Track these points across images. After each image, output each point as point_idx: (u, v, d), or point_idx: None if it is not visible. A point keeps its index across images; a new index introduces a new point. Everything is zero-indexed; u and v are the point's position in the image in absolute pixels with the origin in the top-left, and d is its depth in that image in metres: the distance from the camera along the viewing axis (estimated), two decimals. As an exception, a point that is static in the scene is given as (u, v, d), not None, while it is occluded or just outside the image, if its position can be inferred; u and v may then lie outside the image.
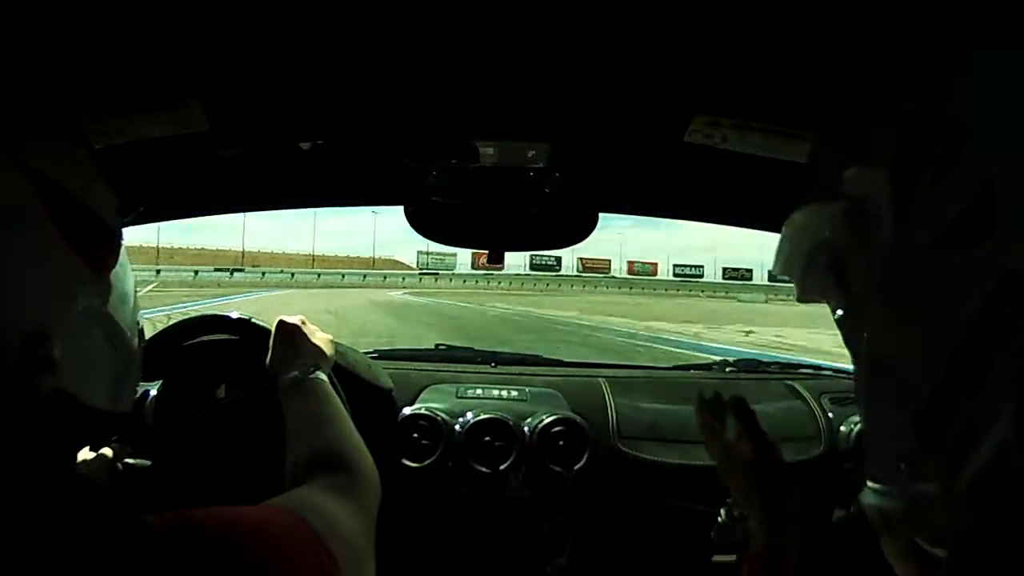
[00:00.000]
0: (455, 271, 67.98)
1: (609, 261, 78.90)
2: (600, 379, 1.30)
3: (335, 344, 1.14)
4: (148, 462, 0.86)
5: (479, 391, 1.23)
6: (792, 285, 0.42)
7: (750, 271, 77.20)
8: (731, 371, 1.48)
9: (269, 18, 0.56)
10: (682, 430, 1.20)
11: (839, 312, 0.38)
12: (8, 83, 0.39)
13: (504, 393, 1.22)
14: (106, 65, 0.59)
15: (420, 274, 62.57)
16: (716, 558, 1.10)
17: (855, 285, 0.35)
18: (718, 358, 1.58)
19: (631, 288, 62.06)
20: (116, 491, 0.84)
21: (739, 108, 0.70)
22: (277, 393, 0.74)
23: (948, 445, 0.28)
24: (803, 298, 0.42)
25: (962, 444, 0.28)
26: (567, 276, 72.13)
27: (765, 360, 1.56)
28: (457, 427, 1.13)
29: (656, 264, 79.41)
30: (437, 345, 1.57)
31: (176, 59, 0.61)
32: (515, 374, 1.33)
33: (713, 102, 0.70)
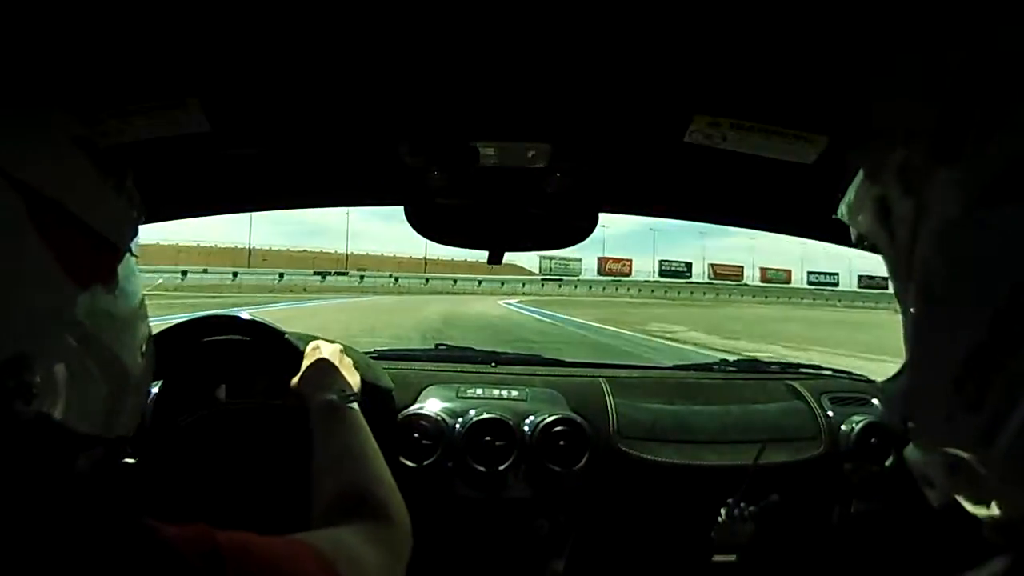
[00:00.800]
0: (580, 277, 65.17)
1: (741, 268, 75.47)
2: (600, 379, 1.30)
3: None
4: (143, 459, 0.86)
5: (479, 391, 1.23)
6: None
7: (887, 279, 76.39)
8: (731, 371, 1.48)
9: (269, 18, 0.56)
10: (683, 430, 1.20)
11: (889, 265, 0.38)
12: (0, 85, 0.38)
13: (504, 393, 1.22)
14: (106, 65, 0.59)
15: (543, 279, 60.05)
16: (716, 558, 1.10)
17: (905, 237, 0.35)
18: (719, 358, 1.58)
19: (766, 296, 59.52)
20: (115, 491, 0.84)
21: (739, 108, 0.70)
22: (294, 410, 0.73)
23: (991, 404, 0.29)
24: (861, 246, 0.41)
25: (1004, 403, 0.28)
26: (698, 283, 69.02)
27: (765, 360, 1.56)
28: (457, 427, 1.13)
29: (790, 271, 75.70)
30: (437, 345, 1.57)
31: (176, 59, 0.61)
32: (515, 374, 1.33)
33: (713, 102, 0.70)
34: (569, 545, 1.16)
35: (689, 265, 73.88)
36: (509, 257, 1.06)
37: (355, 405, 0.72)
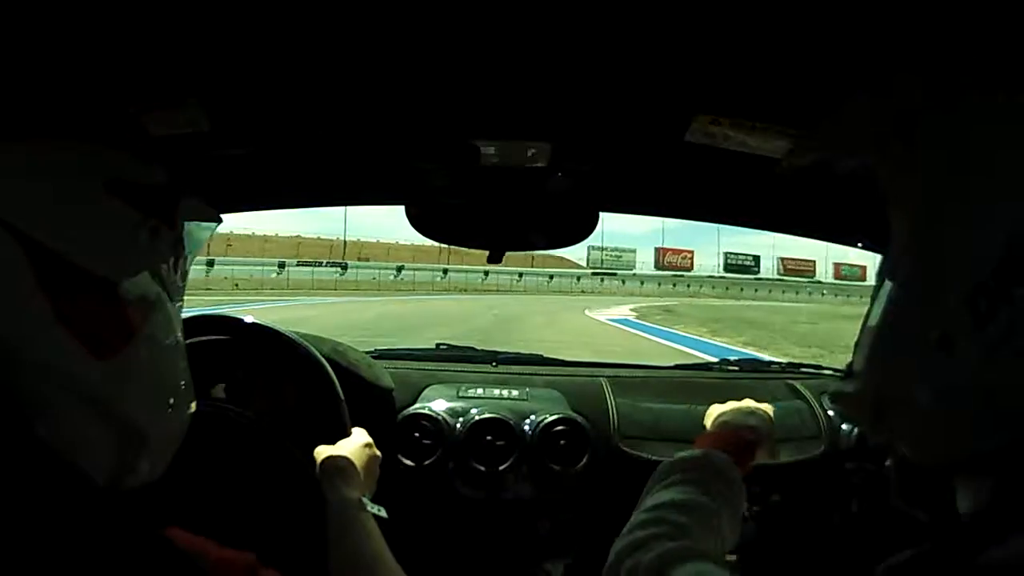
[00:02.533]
0: (635, 271, 57.47)
1: (813, 263, 68.96)
2: (601, 379, 1.29)
3: (335, 343, 1.14)
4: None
5: (480, 391, 1.23)
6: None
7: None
8: (732, 370, 1.48)
9: (270, 18, 0.56)
10: (683, 429, 1.20)
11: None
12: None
13: (505, 393, 1.22)
14: (106, 65, 0.59)
15: (593, 273, 53.34)
16: (716, 558, 1.10)
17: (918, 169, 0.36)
18: (719, 358, 1.57)
19: (836, 295, 55.68)
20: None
21: (740, 108, 0.70)
22: (290, 414, 0.71)
23: (1002, 319, 0.30)
24: None
25: (1017, 318, 0.29)
26: (766, 280, 63.59)
27: (766, 360, 1.56)
28: (458, 427, 1.13)
29: (864, 268, 68.43)
30: (438, 344, 1.57)
31: (176, 59, 0.61)
32: (516, 374, 1.33)
33: (714, 102, 0.70)
34: (570, 545, 1.16)
35: (757, 259, 67.10)
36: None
37: (373, 510, 0.71)
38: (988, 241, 0.31)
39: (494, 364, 1.39)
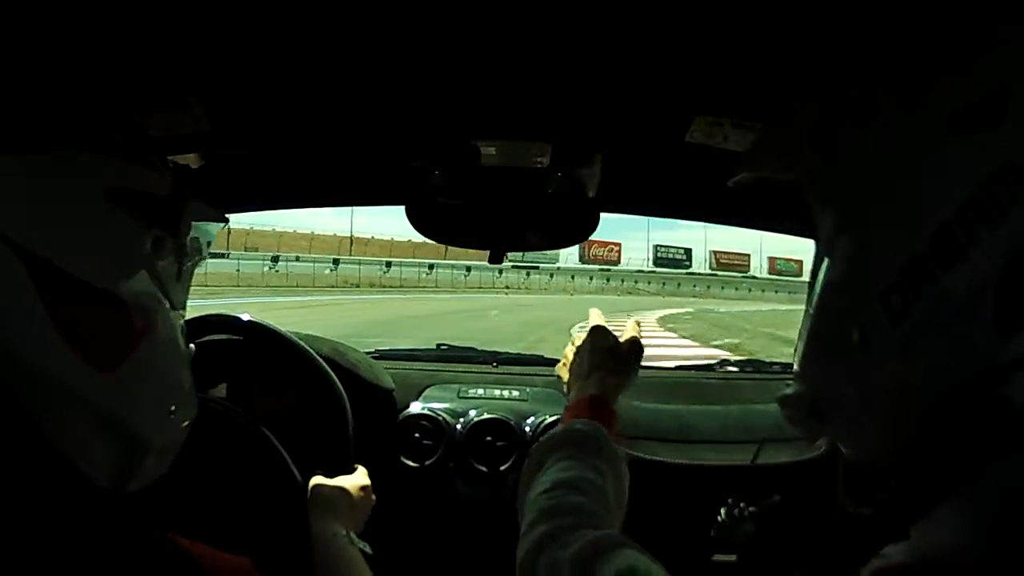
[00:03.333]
0: (559, 264, 51.48)
1: (748, 256, 65.46)
2: None
3: (335, 343, 1.14)
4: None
5: (480, 391, 1.23)
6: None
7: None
8: (732, 371, 1.48)
9: (270, 18, 0.55)
10: (683, 430, 1.20)
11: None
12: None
13: (505, 393, 1.22)
14: (105, 65, 0.59)
15: (514, 267, 47.60)
16: (716, 558, 1.10)
17: (846, 151, 0.37)
18: (719, 358, 1.57)
19: (776, 291, 52.48)
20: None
21: (741, 108, 0.70)
22: (290, 413, 0.71)
23: (914, 316, 0.31)
24: None
25: (928, 316, 0.30)
26: (698, 275, 59.66)
27: (766, 360, 1.56)
28: (458, 427, 1.13)
29: (800, 262, 63.81)
30: (438, 345, 1.57)
31: (176, 59, 0.61)
32: (516, 374, 1.33)
33: (715, 102, 0.70)
34: None
35: (689, 252, 63.77)
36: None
37: (358, 544, 0.71)
38: (903, 240, 0.32)
39: (494, 364, 1.39)
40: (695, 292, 49.90)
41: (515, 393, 1.22)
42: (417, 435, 1.13)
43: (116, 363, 0.37)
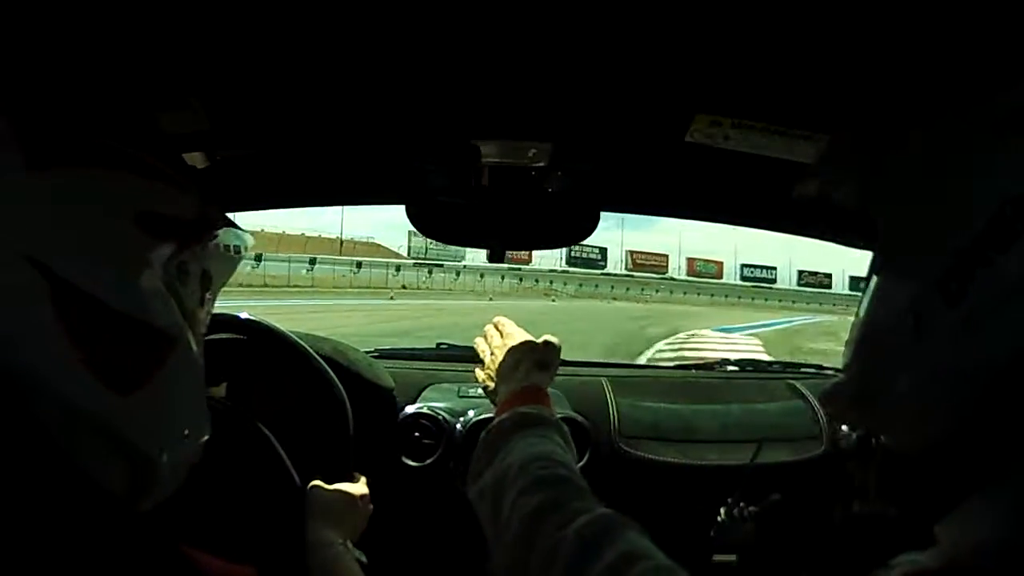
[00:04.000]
0: (464, 263, 46.64)
1: (666, 257, 64.72)
2: (601, 378, 1.29)
3: (335, 343, 1.14)
4: None
5: (480, 390, 1.23)
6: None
7: (829, 276, 66.36)
8: (732, 370, 1.48)
9: (270, 17, 0.55)
10: (684, 430, 1.20)
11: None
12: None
13: None
14: (105, 65, 0.59)
15: (416, 264, 44.27)
16: (716, 558, 1.10)
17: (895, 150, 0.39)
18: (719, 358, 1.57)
19: (699, 293, 51.89)
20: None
21: (741, 108, 0.70)
22: (291, 413, 0.70)
23: (970, 300, 0.31)
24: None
25: (983, 300, 0.31)
26: (614, 276, 57.96)
27: (767, 360, 1.56)
28: (458, 426, 1.13)
29: (721, 263, 65.68)
30: (438, 344, 1.57)
31: (176, 59, 0.61)
32: None
33: (715, 102, 0.70)
34: None
35: (604, 252, 60.78)
36: (358, 230, 0.94)
37: (354, 553, 0.71)
38: (960, 225, 0.33)
39: None
40: (613, 294, 47.40)
41: None
42: (417, 434, 1.13)
43: (135, 388, 0.37)
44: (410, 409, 1.16)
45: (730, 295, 56.57)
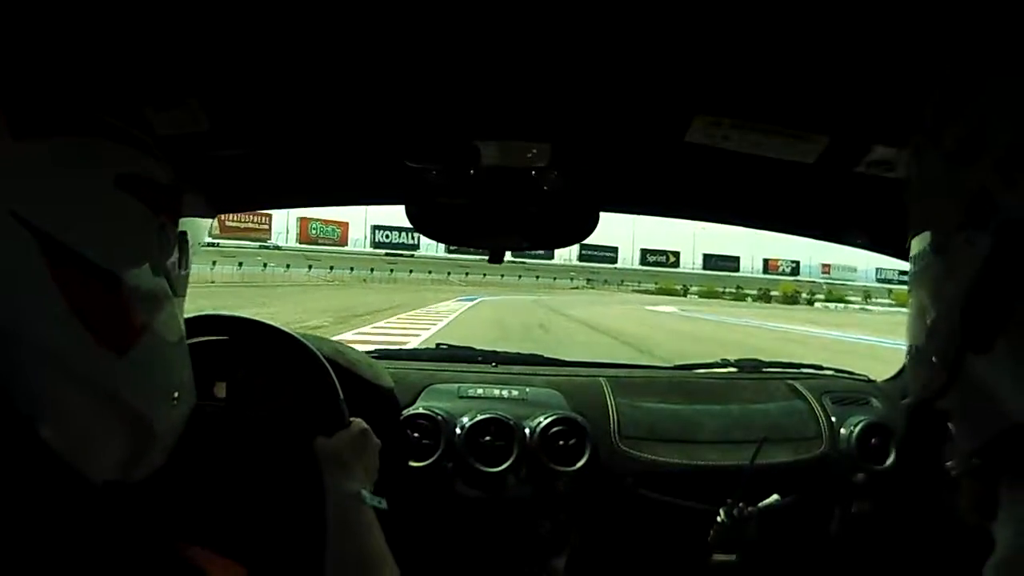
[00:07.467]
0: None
1: (678, 253, 65.41)
2: (601, 379, 1.29)
3: (335, 343, 1.14)
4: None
5: (480, 391, 1.23)
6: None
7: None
8: (732, 371, 1.48)
9: (269, 18, 0.56)
10: (683, 430, 1.20)
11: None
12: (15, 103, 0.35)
13: (504, 393, 1.22)
14: (105, 65, 0.59)
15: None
16: (716, 558, 1.10)
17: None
18: (719, 357, 1.57)
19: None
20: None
21: (740, 108, 0.70)
22: (292, 412, 0.71)
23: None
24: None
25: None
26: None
27: (766, 360, 1.56)
28: (457, 427, 1.13)
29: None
30: (438, 344, 1.57)
31: (176, 59, 0.61)
32: (515, 374, 1.33)
33: (714, 102, 0.70)
34: (570, 545, 1.16)
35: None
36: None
37: (373, 502, 0.71)
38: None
39: (494, 364, 1.39)
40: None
41: (514, 393, 1.22)
42: (416, 435, 1.13)
43: (127, 347, 0.38)
44: (409, 410, 1.15)
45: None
